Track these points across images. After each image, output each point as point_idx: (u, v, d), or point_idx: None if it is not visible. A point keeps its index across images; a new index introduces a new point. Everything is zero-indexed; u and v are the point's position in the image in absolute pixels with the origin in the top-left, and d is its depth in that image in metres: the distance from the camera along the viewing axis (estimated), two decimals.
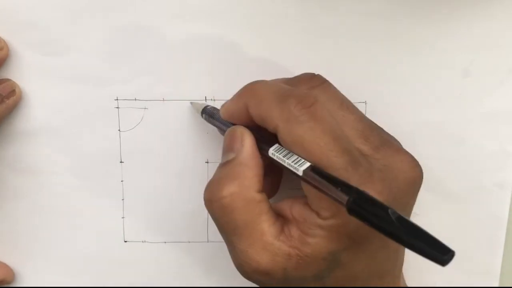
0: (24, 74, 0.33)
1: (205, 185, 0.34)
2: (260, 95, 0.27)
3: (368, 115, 0.33)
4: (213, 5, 0.32)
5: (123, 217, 0.35)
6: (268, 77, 0.33)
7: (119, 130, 0.34)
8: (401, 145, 0.29)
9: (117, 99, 0.33)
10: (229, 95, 0.33)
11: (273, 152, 0.26)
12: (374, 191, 0.24)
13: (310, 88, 0.28)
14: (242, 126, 0.28)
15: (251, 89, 0.28)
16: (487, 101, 0.33)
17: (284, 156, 0.26)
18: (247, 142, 0.27)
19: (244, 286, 0.36)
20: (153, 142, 0.34)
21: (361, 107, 0.33)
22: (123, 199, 0.35)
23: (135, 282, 0.36)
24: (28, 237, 0.35)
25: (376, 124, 0.29)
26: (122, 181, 0.35)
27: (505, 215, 0.34)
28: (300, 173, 0.25)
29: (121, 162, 0.34)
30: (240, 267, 0.27)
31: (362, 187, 0.23)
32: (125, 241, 0.35)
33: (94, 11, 0.32)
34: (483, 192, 0.34)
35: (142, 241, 0.35)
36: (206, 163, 0.34)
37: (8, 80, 0.32)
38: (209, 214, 0.28)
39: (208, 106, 0.32)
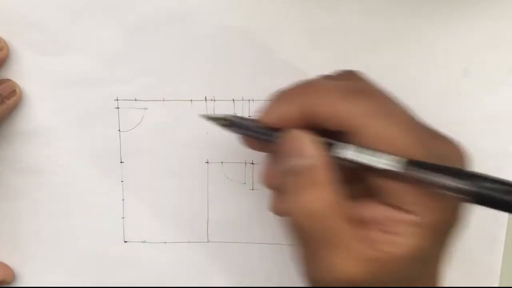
0: (24, 74, 0.33)
1: (205, 185, 0.35)
2: (322, 94, 0.25)
3: None
4: (213, 5, 0.32)
5: (123, 217, 0.35)
6: (268, 77, 0.33)
7: (119, 130, 0.34)
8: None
9: (117, 99, 0.33)
10: (229, 95, 0.33)
11: (356, 154, 0.24)
12: None
13: (357, 81, 0.27)
14: (299, 130, 0.25)
15: (308, 89, 0.26)
16: (487, 101, 0.33)
17: (372, 156, 0.24)
18: (313, 146, 0.25)
19: (244, 286, 0.36)
20: (153, 142, 0.34)
21: None
22: (123, 199, 0.35)
23: (135, 282, 0.36)
24: (28, 237, 0.35)
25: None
26: (122, 181, 0.35)
27: (505, 215, 0.34)
28: (399, 169, 0.23)
29: (121, 162, 0.34)
30: (321, 278, 0.24)
31: None
32: (125, 241, 0.35)
33: (94, 11, 0.32)
34: None
35: (142, 241, 0.35)
36: (206, 163, 0.34)
37: (8, 80, 0.32)
38: (293, 226, 0.25)
39: (231, 116, 0.28)
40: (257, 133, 0.27)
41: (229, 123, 0.28)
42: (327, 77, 0.28)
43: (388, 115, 0.24)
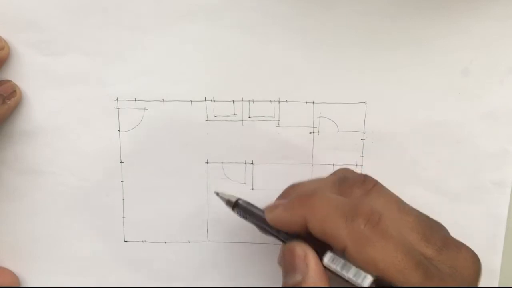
0: (25, 74, 0.33)
1: (205, 185, 0.35)
2: (323, 212, 0.27)
3: (368, 115, 0.33)
4: (213, 5, 0.32)
5: (123, 217, 0.35)
6: (268, 77, 0.33)
7: (119, 130, 0.34)
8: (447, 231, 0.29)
9: (117, 99, 0.33)
10: (229, 96, 0.33)
11: (328, 263, 0.26)
12: None
13: (364, 193, 0.28)
14: (302, 243, 0.27)
15: (310, 203, 0.28)
16: (486, 100, 0.33)
17: (342, 269, 0.26)
18: (312, 262, 0.27)
19: (245, 286, 0.36)
20: (153, 142, 0.34)
21: (361, 107, 0.33)
22: (123, 199, 0.35)
23: (135, 282, 0.36)
24: (28, 237, 0.35)
25: (430, 218, 0.29)
26: (122, 181, 0.35)
27: (504, 215, 0.34)
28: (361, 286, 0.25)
29: (121, 162, 0.34)
30: None
31: None
32: (125, 241, 0.35)
33: (94, 11, 0.32)
34: (482, 192, 0.34)
35: (142, 241, 0.35)
36: (206, 163, 0.34)
37: (8, 81, 0.32)
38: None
39: (239, 200, 0.31)
40: (264, 224, 0.29)
41: (240, 207, 0.30)
42: (331, 182, 0.30)
43: (383, 240, 0.25)
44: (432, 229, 0.28)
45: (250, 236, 0.35)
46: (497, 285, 0.35)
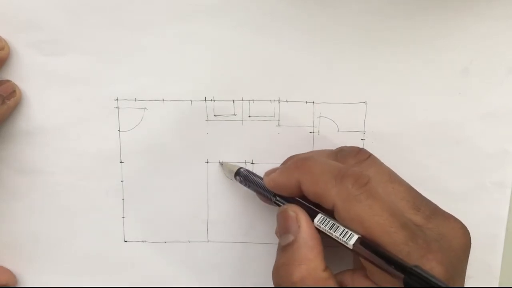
0: (24, 74, 0.33)
1: (205, 185, 0.35)
2: (315, 173, 0.28)
3: (368, 115, 0.33)
4: (213, 5, 0.32)
5: (123, 217, 0.35)
6: (268, 77, 0.33)
7: (119, 130, 0.34)
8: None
9: (117, 99, 0.33)
10: (229, 96, 0.33)
11: (318, 224, 0.28)
12: (435, 261, 0.25)
13: (358, 162, 0.29)
14: (294, 205, 0.29)
15: (305, 166, 0.29)
16: (486, 101, 0.33)
17: (330, 228, 0.27)
18: (303, 222, 0.28)
19: (244, 286, 0.36)
20: (153, 142, 0.34)
21: (361, 107, 0.33)
22: (123, 199, 0.35)
23: (135, 282, 0.36)
24: (27, 237, 0.35)
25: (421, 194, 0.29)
26: (122, 181, 0.35)
27: (504, 215, 0.34)
28: (350, 246, 0.26)
29: (121, 162, 0.34)
30: None
31: (423, 258, 0.25)
32: (125, 241, 0.35)
33: (94, 11, 0.32)
34: (482, 192, 0.34)
35: (142, 241, 0.35)
36: (206, 163, 0.34)
37: (8, 81, 0.32)
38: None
39: (241, 168, 0.33)
40: (264, 190, 0.31)
41: (241, 175, 0.33)
42: (327, 154, 0.31)
43: (370, 199, 0.26)
44: (422, 200, 0.28)
45: (250, 236, 0.35)
46: (497, 285, 0.35)
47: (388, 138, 0.34)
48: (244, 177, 0.33)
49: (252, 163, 0.34)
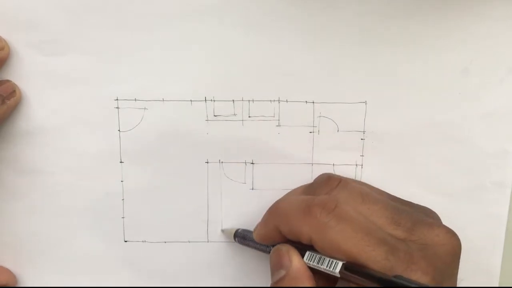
0: (24, 74, 0.33)
1: (205, 185, 0.35)
2: (286, 214, 0.29)
3: (368, 115, 0.33)
4: (213, 5, 0.32)
5: (123, 217, 0.35)
6: (268, 77, 0.33)
7: (119, 130, 0.34)
8: (433, 216, 0.30)
9: (117, 99, 0.33)
10: (229, 96, 0.33)
11: (308, 261, 0.28)
12: (420, 271, 0.25)
13: (329, 190, 0.30)
14: (285, 244, 0.29)
15: (276, 211, 0.30)
16: (486, 101, 0.33)
17: (318, 262, 0.27)
18: (294, 257, 0.28)
19: (244, 286, 0.36)
20: (153, 142, 0.34)
21: (361, 107, 0.33)
22: (123, 199, 0.35)
23: (135, 282, 0.36)
24: (27, 237, 0.35)
25: (402, 205, 0.29)
26: (122, 181, 0.35)
27: (504, 215, 0.34)
28: (337, 275, 0.26)
29: (121, 162, 0.34)
30: None
31: (407, 270, 0.24)
32: (125, 241, 0.35)
33: (94, 11, 0.32)
34: (482, 192, 0.34)
35: (142, 241, 0.35)
36: (206, 163, 0.34)
37: (8, 81, 0.32)
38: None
39: (239, 229, 0.34)
40: (260, 245, 0.32)
41: (238, 235, 0.34)
42: (301, 190, 0.32)
43: (341, 223, 0.26)
44: (401, 213, 0.28)
45: None
46: (497, 285, 0.35)
47: (388, 138, 0.34)
48: (242, 237, 0.34)
49: (252, 163, 0.34)
